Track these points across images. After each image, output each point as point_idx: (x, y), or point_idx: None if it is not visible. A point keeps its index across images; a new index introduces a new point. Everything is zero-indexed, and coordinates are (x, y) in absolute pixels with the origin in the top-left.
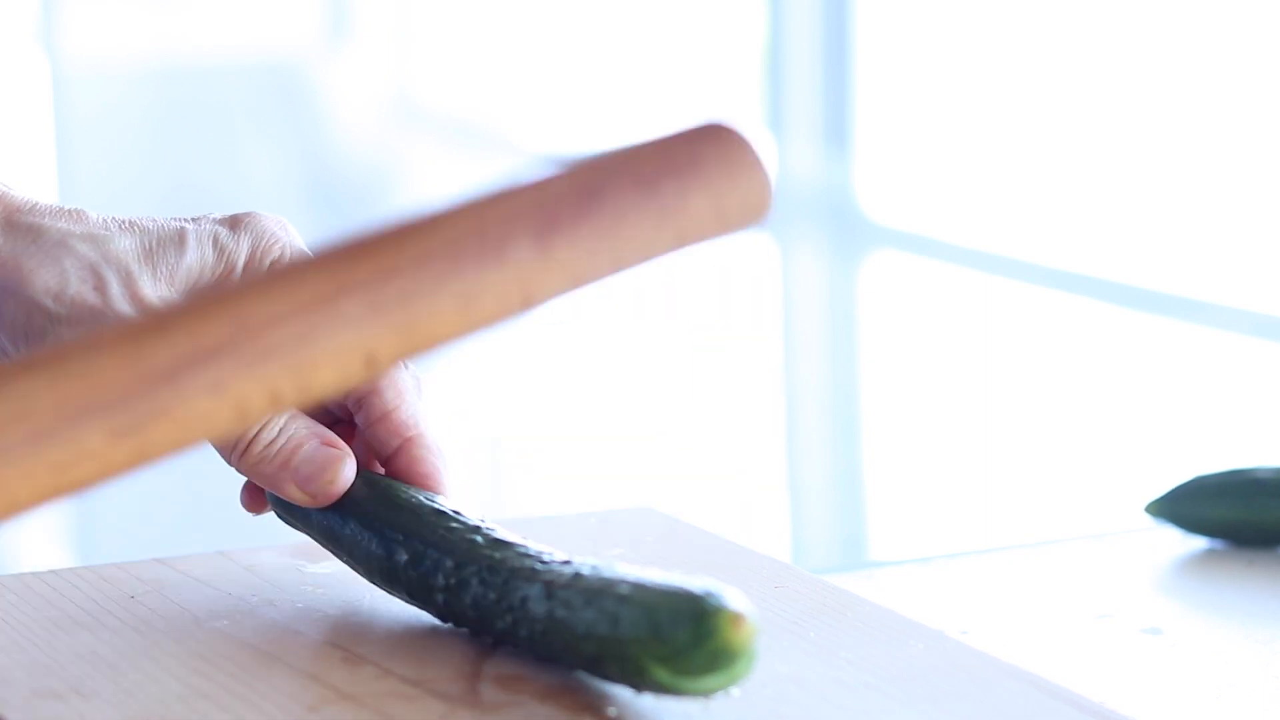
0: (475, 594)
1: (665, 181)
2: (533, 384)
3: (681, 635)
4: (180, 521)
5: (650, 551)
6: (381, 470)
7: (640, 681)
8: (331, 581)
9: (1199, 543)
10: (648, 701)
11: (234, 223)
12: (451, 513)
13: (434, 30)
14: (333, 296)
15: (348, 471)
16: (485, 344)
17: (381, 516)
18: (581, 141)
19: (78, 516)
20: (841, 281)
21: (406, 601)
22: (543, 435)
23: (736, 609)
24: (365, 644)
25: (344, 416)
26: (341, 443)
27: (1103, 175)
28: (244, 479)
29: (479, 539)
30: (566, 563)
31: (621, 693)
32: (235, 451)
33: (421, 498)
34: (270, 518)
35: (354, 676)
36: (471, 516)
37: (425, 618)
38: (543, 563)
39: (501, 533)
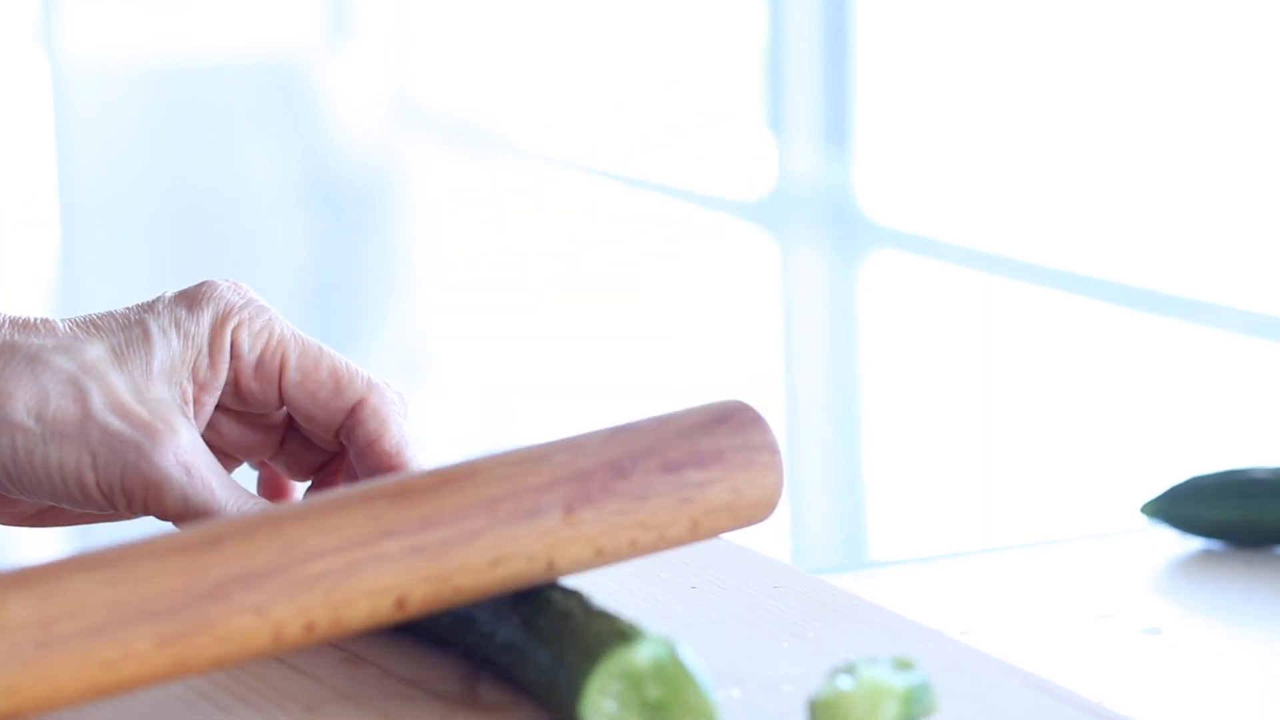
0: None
1: (689, 470)
2: (533, 385)
3: None
4: None
5: None
6: None
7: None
8: None
9: (1196, 543)
10: None
11: (190, 300)
12: None
13: (434, 30)
14: (376, 539)
15: None
16: (486, 345)
17: None
18: (582, 146)
19: None
20: (841, 281)
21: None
22: (543, 437)
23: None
24: (365, 644)
25: (334, 450)
26: None
27: (1103, 175)
28: (258, 479)
29: None
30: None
31: None
32: None
33: None
34: None
35: (354, 677)
36: None
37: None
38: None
39: None
